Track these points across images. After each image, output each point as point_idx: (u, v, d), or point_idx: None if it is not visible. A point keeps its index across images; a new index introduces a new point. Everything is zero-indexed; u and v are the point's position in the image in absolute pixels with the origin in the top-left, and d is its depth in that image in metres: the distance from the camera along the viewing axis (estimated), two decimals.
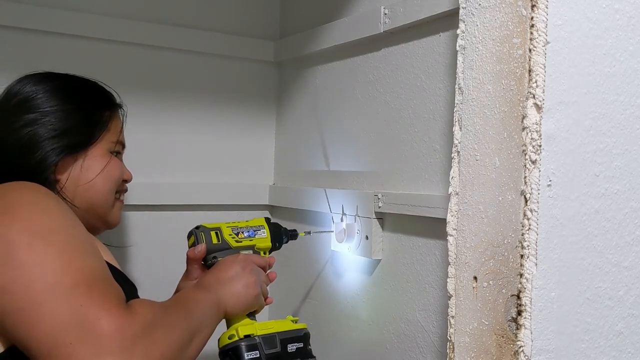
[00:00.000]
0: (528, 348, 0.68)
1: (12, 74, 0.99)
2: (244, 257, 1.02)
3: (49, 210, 0.80)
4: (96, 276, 0.75)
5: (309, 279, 1.40)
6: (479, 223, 0.74)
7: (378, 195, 1.16)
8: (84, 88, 1.00)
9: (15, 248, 0.73)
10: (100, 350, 0.68)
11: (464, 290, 0.76)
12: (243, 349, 0.95)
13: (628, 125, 0.76)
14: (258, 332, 0.98)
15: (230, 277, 0.97)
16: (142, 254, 1.38)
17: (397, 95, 1.17)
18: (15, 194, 0.82)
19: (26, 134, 0.90)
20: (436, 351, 1.05)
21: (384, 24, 1.16)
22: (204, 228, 1.04)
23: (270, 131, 1.58)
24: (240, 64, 1.52)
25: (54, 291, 0.71)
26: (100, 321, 0.69)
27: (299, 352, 1.01)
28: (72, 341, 0.68)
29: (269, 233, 1.10)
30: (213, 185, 1.47)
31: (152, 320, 0.75)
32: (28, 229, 0.75)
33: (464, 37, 0.77)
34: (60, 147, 0.91)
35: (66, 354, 0.68)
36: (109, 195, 0.98)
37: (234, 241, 1.06)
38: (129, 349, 0.69)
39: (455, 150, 0.78)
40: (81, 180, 0.94)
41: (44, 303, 0.70)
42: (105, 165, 0.96)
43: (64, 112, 0.93)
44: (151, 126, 1.40)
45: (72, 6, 1.30)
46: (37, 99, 0.93)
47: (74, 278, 0.72)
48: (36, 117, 0.91)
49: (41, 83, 0.95)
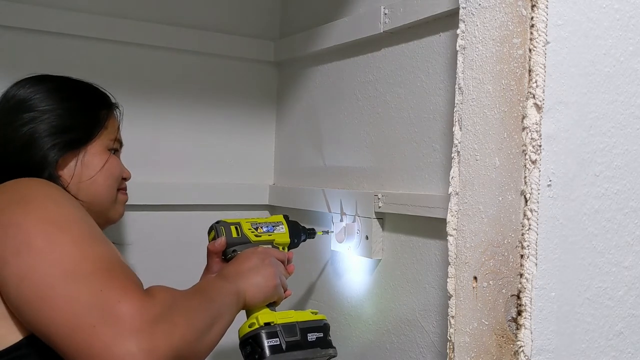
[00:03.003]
0: (528, 348, 0.68)
1: (11, 74, 0.99)
2: (263, 250, 1.04)
3: (61, 201, 0.82)
4: (113, 263, 0.76)
5: (309, 279, 1.40)
6: (479, 223, 0.74)
7: (378, 195, 1.16)
8: (80, 88, 1.02)
9: (32, 236, 0.75)
10: (121, 331, 0.69)
11: (464, 290, 0.76)
12: (263, 336, 0.94)
13: (628, 125, 0.76)
14: (278, 320, 0.98)
15: (249, 268, 0.98)
16: (141, 254, 1.38)
17: (397, 95, 1.16)
18: (27, 187, 0.84)
19: (26, 132, 0.92)
20: (436, 351, 1.05)
21: (384, 24, 1.16)
22: (224, 223, 1.07)
23: (270, 131, 1.58)
24: (240, 64, 1.52)
25: (74, 276, 0.72)
26: (120, 304, 0.70)
27: (319, 341, 1.00)
28: (94, 323, 0.69)
29: (288, 229, 1.12)
30: (213, 185, 1.47)
31: (171, 304, 0.76)
32: (43, 218, 0.77)
33: (464, 37, 0.77)
34: (61, 143, 0.93)
35: (88, 336, 0.69)
36: (111, 190, 1.01)
37: (253, 236, 1.07)
38: (150, 330, 0.70)
39: (455, 150, 0.78)
40: (83, 177, 0.96)
41: (64, 287, 0.71)
42: (105, 161, 0.98)
43: (62, 110, 0.95)
44: (151, 126, 1.40)
45: (72, 6, 1.30)
46: (35, 99, 0.94)
47: (93, 264, 0.74)
48: (35, 115, 0.93)
49: (38, 84, 0.96)
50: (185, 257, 1.37)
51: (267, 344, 0.94)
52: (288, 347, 0.96)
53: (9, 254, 0.74)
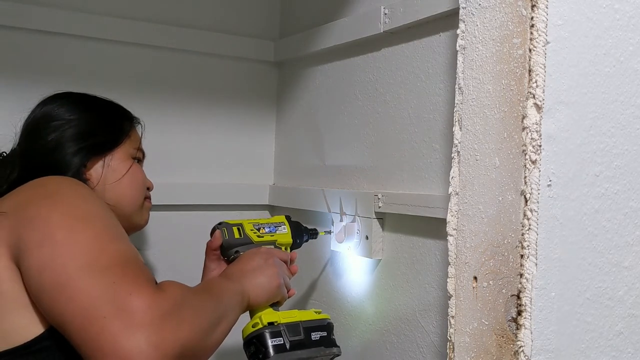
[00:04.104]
0: (528, 348, 0.68)
1: (12, 74, 0.99)
2: (266, 250, 1.05)
3: (87, 198, 0.85)
4: (130, 259, 0.78)
5: (309, 279, 1.40)
6: (479, 223, 0.74)
7: (378, 195, 1.16)
8: (103, 102, 1.08)
9: (56, 229, 0.77)
10: (131, 324, 0.70)
11: (464, 290, 0.76)
12: (267, 336, 0.94)
13: (628, 125, 0.76)
14: (282, 320, 0.98)
15: (253, 268, 0.99)
16: (141, 254, 1.38)
17: (397, 95, 1.16)
18: (55, 182, 0.87)
19: (53, 138, 0.97)
20: (436, 351, 1.05)
21: (384, 24, 1.16)
22: (226, 224, 1.07)
23: (270, 131, 1.58)
24: (240, 64, 1.52)
25: (90, 269, 0.74)
26: (131, 297, 0.72)
27: (323, 340, 1.00)
28: (105, 315, 0.70)
29: (290, 229, 1.12)
30: (213, 185, 1.47)
31: (181, 301, 0.77)
32: (69, 213, 0.80)
33: (464, 37, 0.77)
34: (87, 147, 0.98)
35: (98, 327, 0.70)
36: (138, 196, 1.05)
37: (256, 236, 1.08)
38: (159, 325, 0.71)
39: (455, 150, 0.78)
40: (109, 179, 1.00)
41: (80, 279, 0.73)
42: (129, 167, 1.03)
43: (88, 118, 1.01)
44: (151, 126, 1.39)
45: (72, 6, 1.30)
46: (61, 110, 1.00)
47: (110, 259, 0.76)
48: (62, 123, 0.98)
49: (63, 99, 1.03)
50: (185, 257, 1.37)
51: (271, 344, 0.94)
52: (292, 346, 0.95)
53: (33, 246, 0.77)
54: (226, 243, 1.06)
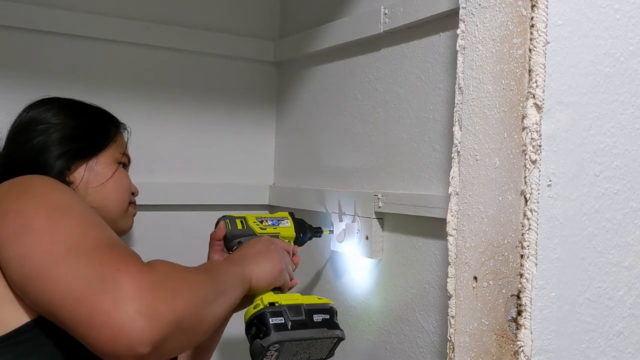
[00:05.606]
0: (528, 348, 0.68)
1: (12, 74, 0.99)
2: (268, 238, 1.06)
3: (65, 192, 0.84)
4: (115, 242, 0.78)
5: (308, 279, 1.40)
6: (479, 223, 0.74)
7: (378, 195, 1.16)
8: (90, 108, 1.08)
9: (33, 220, 0.76)
10: (120, 297, 0.69)
11: (464, 290, 0.76)
12: (268, 315, 0.93)
13: (628, 125, 0.76)
14: (283, 301, 0.96)
15: (254, 252, 0.99)
16: (140, 254, 1.37)
17: (397, 95, 1.16)
18: (29, 179, 0.86)
19: (39, 141, 0.97)
20: (436, 351, 1.05)
21: (384, 24, 1.16)
22: (229, 216, 1.09)
23: (270, 131, 1.58)
24: (240, 64, 1.52)
25: (75, 252, 0.73)
26: (119, 272, 0.72)
27: (325, 322, 0.97)
28: (93, 293, 0.70)
29: (293, 224, 1.13)
30: (213, 185, 1.47)
31: (172, 273, 0.78)
32: (46, 205, 0.79)
33: (464, 37, 0.77)
34: (71, 151, 0.98)
35: (89, 305, 0.69)
36: (122, 199, 1.05)
37: (259, 228, 1.08)
38: (150, 296, 0.71)
39: (455, 150, 0.78)
40: (92, 183, 1.00)
41: (65, 262, 0.72)
42: (114, 171, 1.03)
43: (73, 123, 1.01)
44: (150, 126, 1.40)
45: (72, 6, 1.30)
46: (47, 115, 1.01)
47: (94, 242, 0.76)
48: (47, 127, 0.99)
49: (49, 103, 1.03)
50: (185, 257, 1.36)
51: (272, 322, 0.92)
52: (293, 326, 0.93)
53: (11, 238, 0.76)
54: (229, 234, 1.06)
